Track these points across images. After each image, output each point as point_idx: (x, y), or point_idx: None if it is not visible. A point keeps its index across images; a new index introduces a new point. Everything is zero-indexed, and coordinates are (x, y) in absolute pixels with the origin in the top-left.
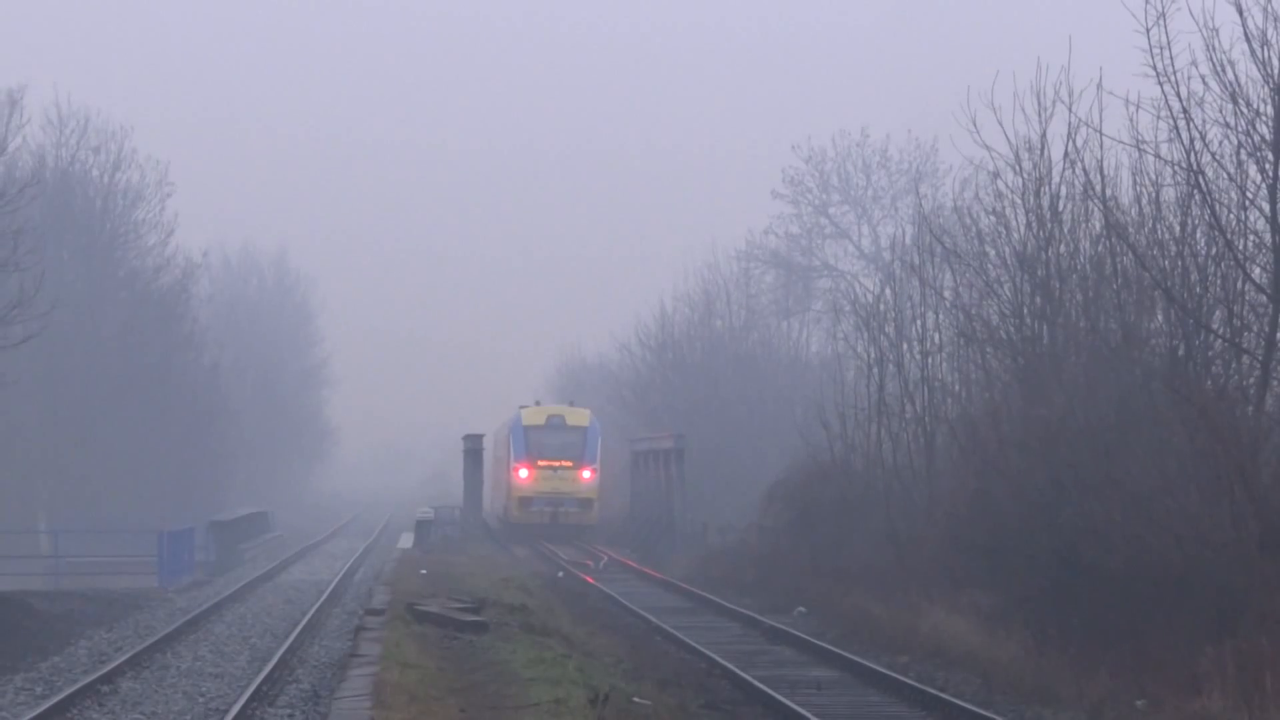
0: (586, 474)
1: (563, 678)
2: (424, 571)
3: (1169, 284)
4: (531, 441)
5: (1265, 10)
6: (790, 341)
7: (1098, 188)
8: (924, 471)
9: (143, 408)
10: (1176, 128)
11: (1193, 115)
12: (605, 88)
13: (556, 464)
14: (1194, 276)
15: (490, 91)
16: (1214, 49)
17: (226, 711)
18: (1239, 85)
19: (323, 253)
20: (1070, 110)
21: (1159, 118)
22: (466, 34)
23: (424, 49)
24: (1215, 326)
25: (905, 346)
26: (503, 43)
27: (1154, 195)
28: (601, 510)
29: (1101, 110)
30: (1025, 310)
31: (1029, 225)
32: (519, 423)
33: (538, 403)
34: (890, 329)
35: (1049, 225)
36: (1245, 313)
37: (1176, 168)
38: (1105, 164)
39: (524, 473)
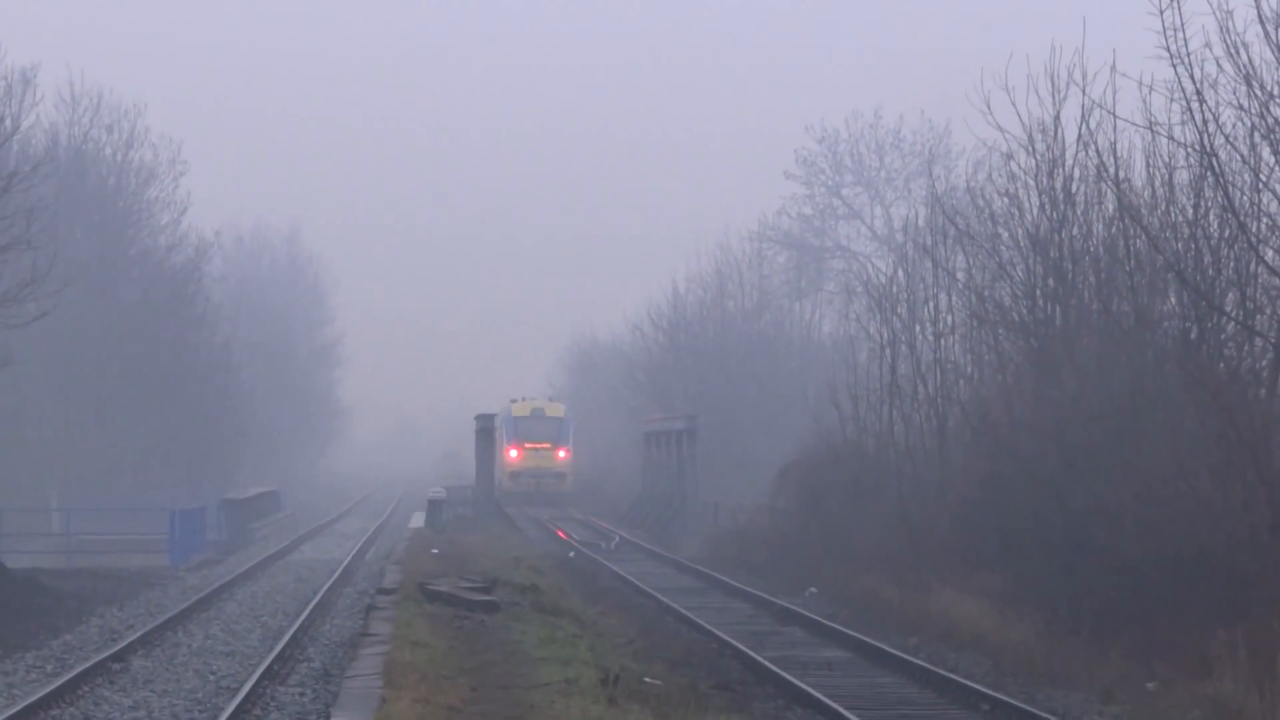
0: (562, 453)
1: (573, 658)
2: (435, 551)
3: (1182, 266)
4: (519, 429)
5: None
6: (803, 322)
7: (1111, 170)
8: (936, 453)
9: (155, 386)
10: (1190, 110)
11: (1206, 98)
12: (618, 69)
13: (539, 446)
14: (1207, 259)
15: (503, 73)
16: (1228, 31)
17: (238, 690)
18: (1253, 68)
19: (335, 232)
20: (1084, 92)
21: (1172, 100)
22: (480, 17)
23: (438, 31)
24: (1228, 309)
25: (918, 328)
26: (516, 24)
27: (1167, 177)
28: (575, 481)
29: (1115, 92)
30: (1038, 292)
31: (1042, 207)
32: (509, 414)
33: (524, 399)
34: (903, 310)
35: (1062, 207)
36: (1258, 295)
37: (1190, 150)
38: (1118, 146)
39: (514, 453)
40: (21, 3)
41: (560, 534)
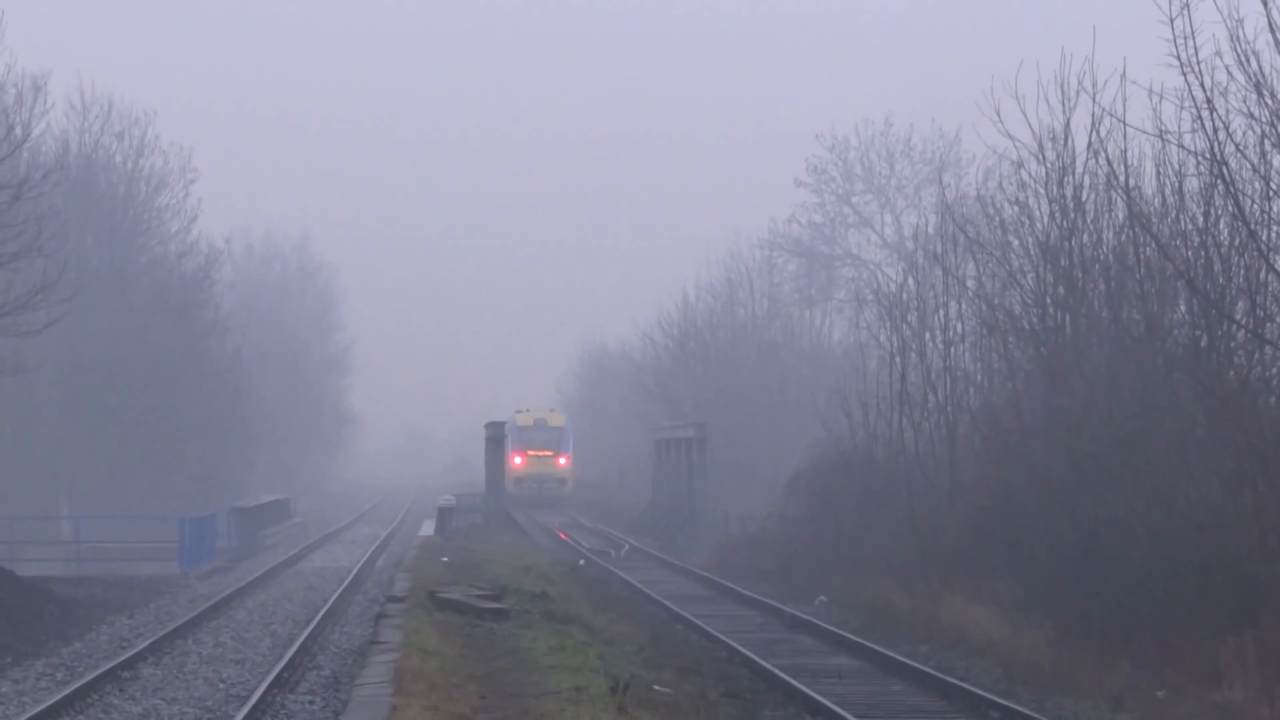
0: (562, 460)
1: (583, 665)
2: (445, 559)
3: (1192, 274)
4: (523, 437)
5: None
6: (813, 330)
7: (1121, 178)
8: (946, 461)
9: (165, 394)
10: (1200, 118)
11: (1216, 106)
12: (628, 76)
13: (541, 453)
14: (1217, 267)
15: (513, 79)
16: (1238, 40)
17: (248, 698)
18: (1263, 76)
19: (345, 240)
20: (1094, 100)
21: (1182, 108)
22: (491, 21)
23: (447, 37)
24: (1238, 317)
25: (928, 336)
26: (527, 30)
27: (1177, 185)
28: (574, 486)
29: (1125, 100)
30: (1048, 300)
31: (1052, 215)
32: (514, 424)
33: (528, 410)
34: (913, 318)
35: (1072, 215)
36: (1268, 303)
37: (1200, 158)
38: (1129, 154)
39: (518, 460)
40: (32, 10)
41: (562, 535)
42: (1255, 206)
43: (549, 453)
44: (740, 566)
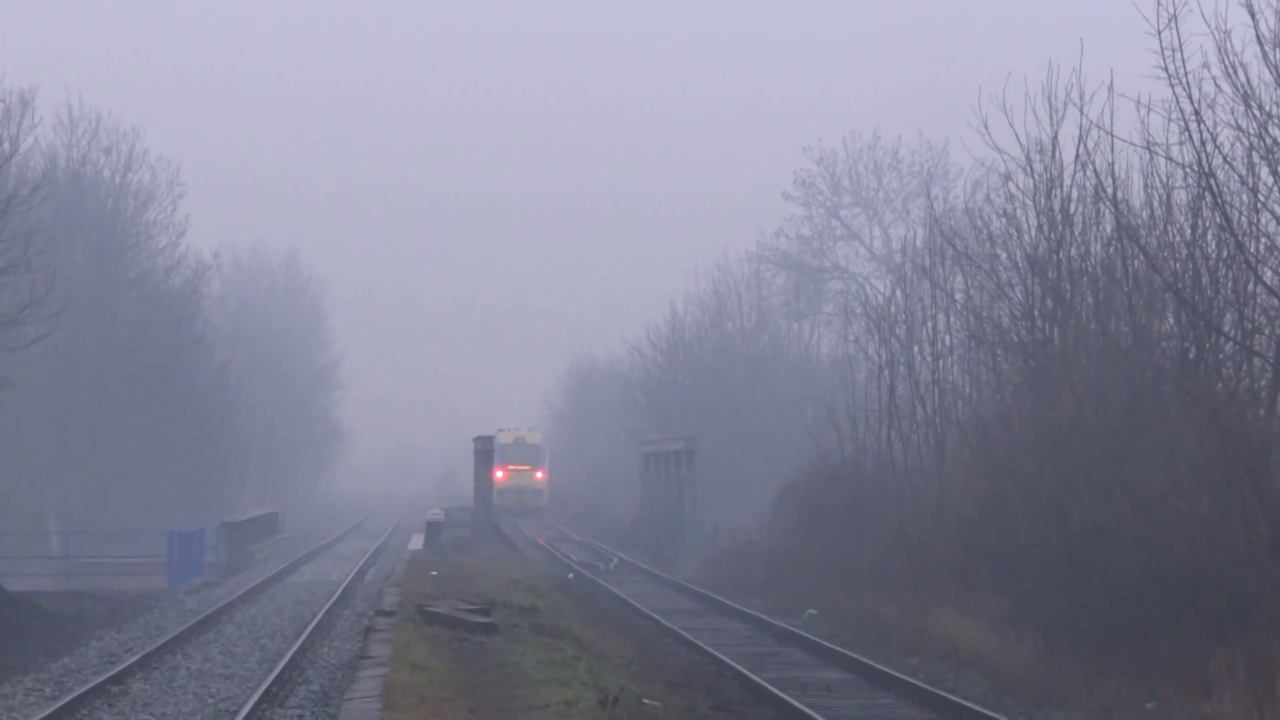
0: (539, 474)
1: (572, 679)
2: (434, 573)
3: (1180, 286)
4: (505, 453)
5: (1278, 13)
6: (801, 343)
7: (1109, 190)
8: (935, 474)
9: (153, 408)
10: (1188, 130)
11: (1204, 117)
12: (618, 85)
13: (520, 468)
14: (1205, 279)
15: (505, 94)
16: (1226, 51)
17: (236, 713)
18: (1251, 88)
19: (334, 254)
20: (1081, 112)
21: (1170, 120)
22: (482, 40)
23: (440, 53)
24: (1226, 329)
25: (916, 349)
26: (521, 40)
27: (1165, 198)
28: (550, 497)
29: (1113, 112)
30: (1036, 312)
31: (1040, 227)
32: (497, 441)
33: (509, 428)
34: (901, 331)
35: (1060, 227)
36: (1257, 315)
37: (1188, 170)
38: (1116, 166)
39: (500, 474)
40: (20, 26)
41: (541, 541)
42: (1243, 218)
43: (527, 467)
44: (729, 580)
